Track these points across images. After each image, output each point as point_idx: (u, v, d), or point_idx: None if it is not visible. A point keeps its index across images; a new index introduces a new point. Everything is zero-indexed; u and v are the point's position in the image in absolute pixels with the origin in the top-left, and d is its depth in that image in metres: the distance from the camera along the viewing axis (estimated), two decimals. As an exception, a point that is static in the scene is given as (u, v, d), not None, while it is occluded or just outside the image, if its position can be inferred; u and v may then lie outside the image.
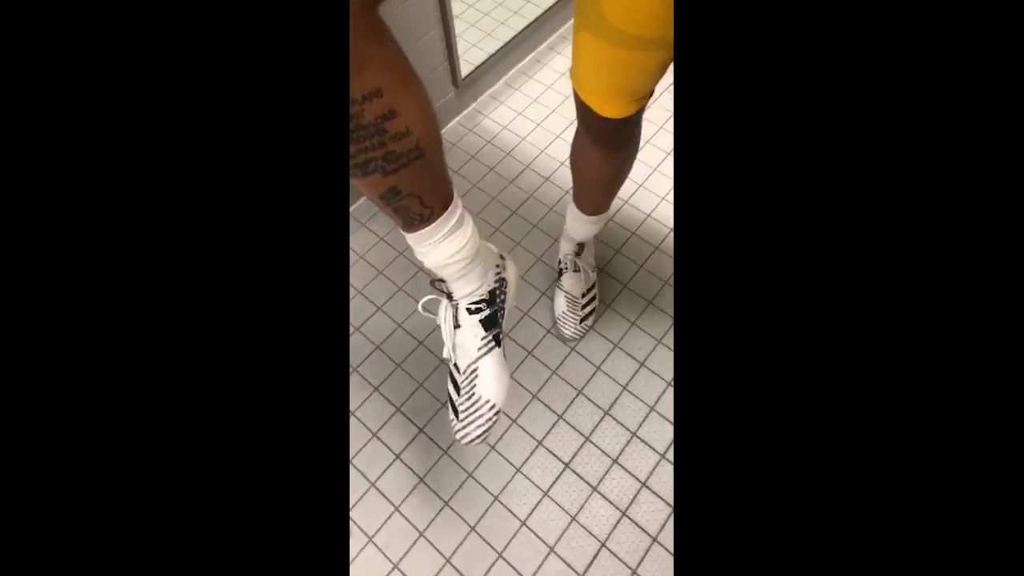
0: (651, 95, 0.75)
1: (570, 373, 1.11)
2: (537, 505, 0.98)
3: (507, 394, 0.66)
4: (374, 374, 1.12)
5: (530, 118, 1.47)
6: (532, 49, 1.58)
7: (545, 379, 1.10)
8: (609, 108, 0.73)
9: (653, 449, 1.02)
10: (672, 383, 1.09)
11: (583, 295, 1.14)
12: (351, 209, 1.32)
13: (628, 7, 0.59)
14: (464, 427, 0.64)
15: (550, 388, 1.09)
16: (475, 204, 1.33)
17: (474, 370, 0.65)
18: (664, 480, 0.99)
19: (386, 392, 1.10)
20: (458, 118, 1.47)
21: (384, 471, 1.03)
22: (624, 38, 0.63)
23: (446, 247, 0.57)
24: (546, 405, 1.08)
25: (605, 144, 0.83)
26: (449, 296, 0.65)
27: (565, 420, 1.06)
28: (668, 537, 0.95)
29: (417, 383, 1.11)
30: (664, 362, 1.11)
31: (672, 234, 1.26)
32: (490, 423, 0.64)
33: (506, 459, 1.03)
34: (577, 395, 1.09)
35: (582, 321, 1.13)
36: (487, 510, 0.98)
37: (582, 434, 1.05)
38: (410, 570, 0.94)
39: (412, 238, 0.57)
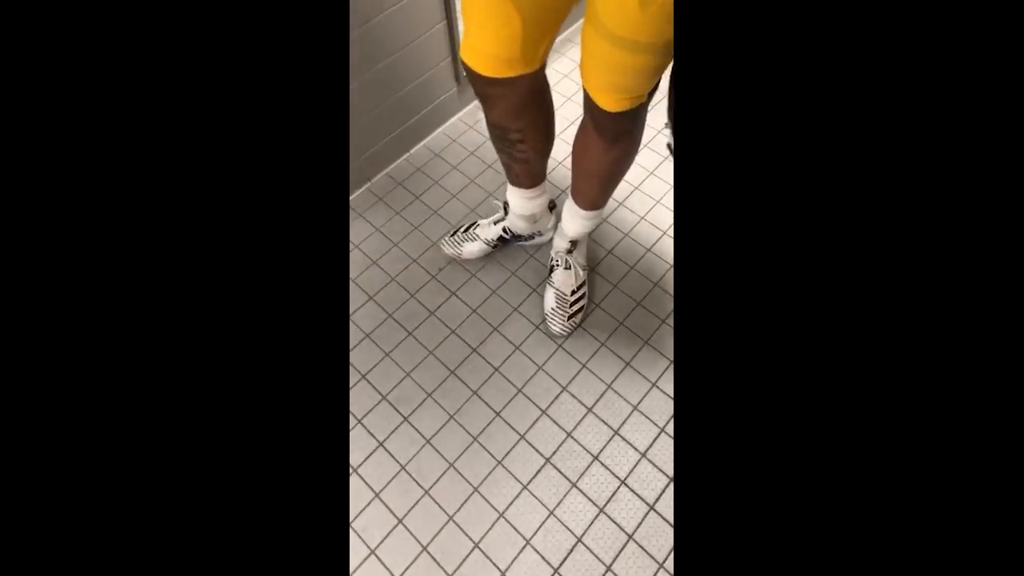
0: (649, 95, 0.77)
1: (556, 369, 1.12)
2: (516, 498, 0.99)
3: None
4: (362, 362, 1.13)
5: None
6: (536, 50, 1.60)
7: (531, 374, 1.11)
8: (605, 101, 0.76)
9: (634, 448, 1.03)
10: (656, 384, 1.09)
11: (572, 292, 1.15)
12: (350, 199, 1.34)
13: (616, 10, 0.62)
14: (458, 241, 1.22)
15: (536, 384, 1.10)
16: (472, 199, 1.34)
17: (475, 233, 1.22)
18: (643, 478, 1.00)
19: (373, 380, 1.11)
20: (459, 114, 1.48)
21: (365, 459, 1.03)
22: (616, 39, 0.65)
23: (522, 202, 1.09)
24: (530, 400, 1.08)
25: (605, 135, 0.85)
26: (506, 210, 1.17)
27: (548, 415, 1.07)
28: (645, 535, 0.96)
29: (405, 373, 1.12)
30: (650, 363, 1.12)
31: (665, 238, 1.27)
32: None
33: (488, 451, 1.03)
34: (561, 391, 1.09)
35: (570, 318, 1.14)
36: (466, 500, 0.99)
37: (564, 430, 1.05)
38: (387, 558, 0.95)
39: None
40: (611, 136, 0.85)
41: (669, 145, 1.00)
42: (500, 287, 1.22)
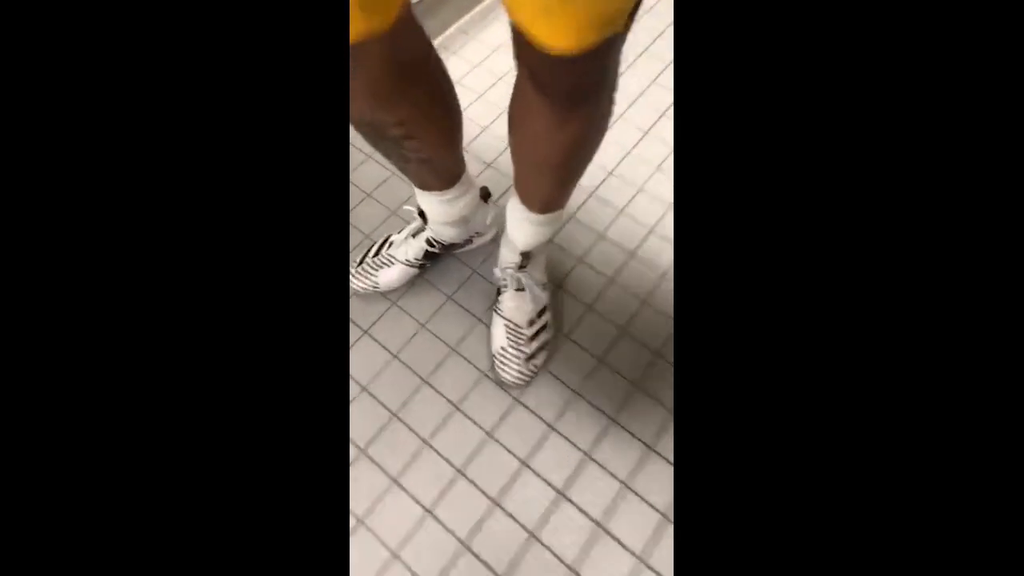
0: (626, 23, 0.44)
1: (512, 435, 0.79)
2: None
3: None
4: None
5: (468, 86, 1.14)
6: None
7: (476, 445, 0.78)
8: (561, 36, 0.42)
9: (628, 550, 0.71)
10: (653, 447, 0.78)
11: (530, 323, 0.82)
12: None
13: None
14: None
15: (484, 458, 0.78)
16: (369, 220, 1.00)
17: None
18: (644, 595, 0.68)
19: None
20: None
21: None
22: None
23: (441, 207, 0.77)
24: (476, 486, 0.76)
25: (556, 100, 0.51)
26: (423, 218, 0.83)
27: (502, 507, 0.74)
28: None
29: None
30: (643, 416, 0.80)
31: (652, 238, 0.95)
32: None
33: (413, 572, 0.71)
34: (520, 468, 0.77)
35: (529, 360, 0.81)
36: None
37: (526, 529, 0.73)
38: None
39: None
40: (565, 101, 0.52)
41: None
42: (431, 318, 0.88)
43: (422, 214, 0.82)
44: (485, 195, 0.85)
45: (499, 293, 0.84)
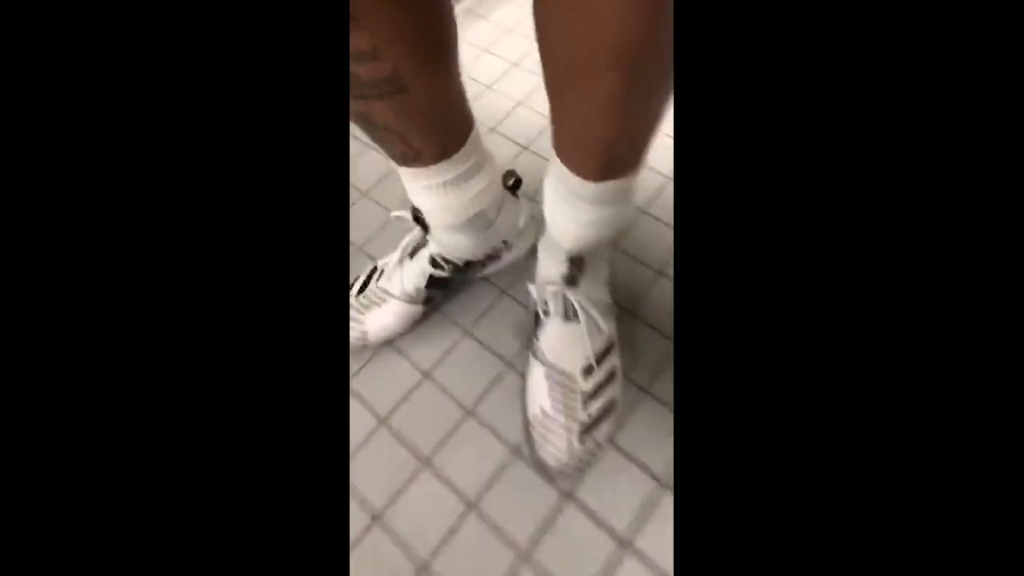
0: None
1: (558, 557, 0.48)
2: None
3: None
4: None
5: (499, 55, 0.88)
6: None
7: (506, 569, 0.48)
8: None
9: None
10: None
11: (586, 371, 0.52)
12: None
13: None
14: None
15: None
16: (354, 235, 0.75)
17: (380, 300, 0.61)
18: None
19: None
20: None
21: None
22: None
23: (441, 196, 0.48)
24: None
25: None
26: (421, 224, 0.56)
27: None
28: None
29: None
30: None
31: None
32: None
33: None
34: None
35: (586, 432, 0.51)
36: None
37: None
38: None
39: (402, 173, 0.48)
40: None
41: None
42: (439, 364, 0.60)
43: (418, 218, 0.54)
44: (514, 183, 0.57)
45: (537, 324, 0.55)
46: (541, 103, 0.80)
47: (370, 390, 0.59)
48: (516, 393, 0.57)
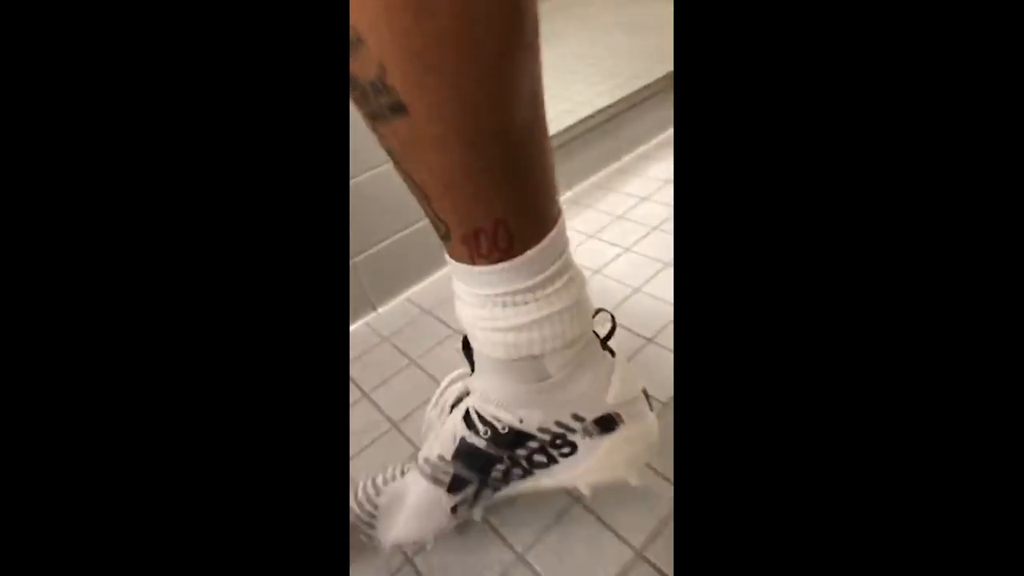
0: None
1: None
2: None
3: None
4: None
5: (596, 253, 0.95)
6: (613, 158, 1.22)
7: None
8: None
9: None
10: None
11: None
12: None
13: None
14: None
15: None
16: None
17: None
18: None
19: None
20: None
21: None
22: None
23: (472, 307, 0.33)
24: None
25: None
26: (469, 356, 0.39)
27: None
28: None
29: None
30: None
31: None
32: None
33: None
34: None
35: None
36: None
37: None
38: None
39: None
40: None
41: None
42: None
43: (466, 346, 0.38)
44: (608, 333, 0.40)
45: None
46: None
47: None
48: None
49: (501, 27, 0.25)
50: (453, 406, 0.43)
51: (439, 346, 0.81)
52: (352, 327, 0.90)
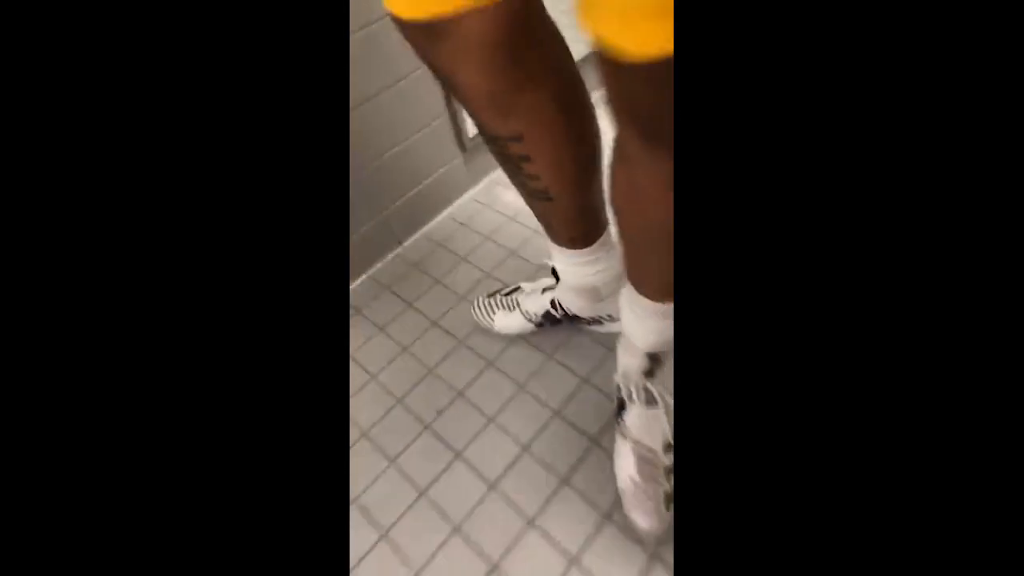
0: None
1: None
2: None
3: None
4: None
5: None
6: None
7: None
8: (648, 37, 0.31)
9: None
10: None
11: (666, 447, 0.63)
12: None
13: None
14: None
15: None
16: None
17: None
18: None
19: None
20: (470, 192, 1.10)
21: None
22: None
23: (575, 271, 0.70)
24: None
25: (662, 143, 0.39)
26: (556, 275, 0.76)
27: None
28: None
29: None
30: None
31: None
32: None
33: None
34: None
35: (671, 500, 0.61)
36: None
37: None
38: None
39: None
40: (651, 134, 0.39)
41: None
42: (534, 440, 0.71)
43: (555, 271, 0.76)
44: None
45: (622, 408, 0.67)
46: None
47: (481, 460, 0.70)
48: (601, 468, 0.67)
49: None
50: (543, 291, 0.81)
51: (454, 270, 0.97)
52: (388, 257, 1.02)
